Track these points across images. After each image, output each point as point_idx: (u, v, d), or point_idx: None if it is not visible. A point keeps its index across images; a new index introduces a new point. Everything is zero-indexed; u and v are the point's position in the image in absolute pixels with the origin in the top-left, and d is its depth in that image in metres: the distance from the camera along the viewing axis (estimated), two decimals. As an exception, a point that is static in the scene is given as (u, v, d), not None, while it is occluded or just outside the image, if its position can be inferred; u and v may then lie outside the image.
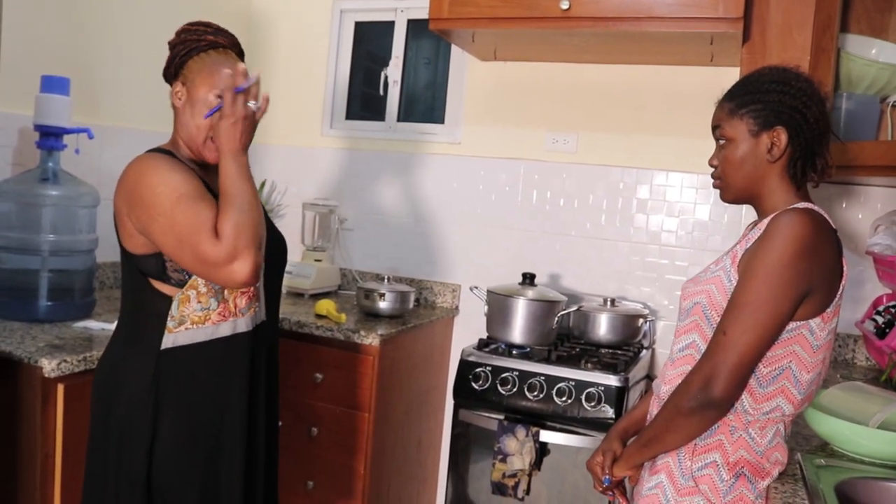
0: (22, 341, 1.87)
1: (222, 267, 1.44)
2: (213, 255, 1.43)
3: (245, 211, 1.46)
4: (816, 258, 1.30)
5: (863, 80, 2.24)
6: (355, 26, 3.28)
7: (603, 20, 2.33)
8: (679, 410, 1.35)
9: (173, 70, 1.63)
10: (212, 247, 1.43)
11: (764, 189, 1.43)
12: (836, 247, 1.36)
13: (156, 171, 1.51)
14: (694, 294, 1.45)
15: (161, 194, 1.47)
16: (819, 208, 1.38)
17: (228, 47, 1.65)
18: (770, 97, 1.39)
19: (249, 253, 1.44)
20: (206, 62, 1.60)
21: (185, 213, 1.45)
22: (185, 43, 1.61)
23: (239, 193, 1.48)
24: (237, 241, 1.43)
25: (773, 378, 1.35)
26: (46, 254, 2.13)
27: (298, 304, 2.84)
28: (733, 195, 1.48)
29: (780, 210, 1.37)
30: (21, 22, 2.35)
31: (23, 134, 2.35)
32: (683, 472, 1.40)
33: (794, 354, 1.34)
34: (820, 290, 1.33)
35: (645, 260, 2.82)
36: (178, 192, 1.47)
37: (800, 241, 1.29)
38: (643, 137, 2.81)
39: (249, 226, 1.46)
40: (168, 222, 1.46)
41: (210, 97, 1.58)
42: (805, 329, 1.34)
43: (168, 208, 1.46)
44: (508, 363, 2.41)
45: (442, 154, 3.10)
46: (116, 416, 1.56)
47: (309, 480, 2.56)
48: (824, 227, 1.34)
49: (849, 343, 2.53)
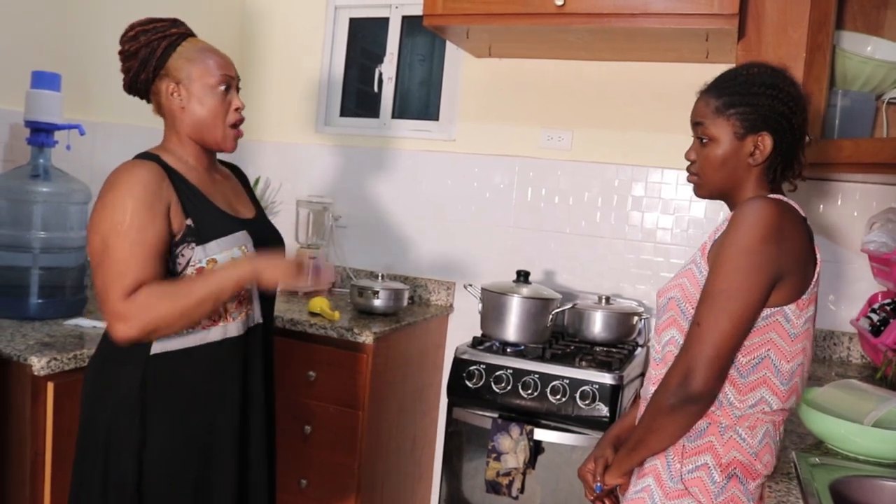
0: (12, 339, 1.86)
1: (112, 318, 1.45)
2: (113, 307, 1.44)
3: (178, 309, 1.46)
4: (784, 242, 1.30)
5: (858, 77, 2.23)
6: (349, 23, 3.27)
7: (598, 16, 2.32)
8: (660, 409, 1.34)
9: (151, 74, 1.59)
10: (118, 300, 1.44)
11: (739, 188, 1.43)
12: (805, 233, 1.35)
13: (122, 189, 1.48)
14: (668, 290, 1.45)
15: (105, 221, 1.46)
16: (788, 199, 1.39)
17: (191, 35, 1.65)
18: (760, 101, 1.37)
19: (140, 329, 1.44)
20: (189, 51, 1.60)
21: (117, 252, 1.45)
22: (151, 43, 1.57)
23: (198, 296, 1.47)
24: (140, 317, 1.44)
25: (752, 367, 1.34)
26: (37, 251, 2.12)
27: (292, 301, 2.83)
28: (708, 192, 1.48)
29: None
30: (12, 17, 2.33)
31: (13, 130, 2.33)
32: (672, 475, 1.38)
33: (772, 342, 1.34)
34: (792, 276, 1.32)
35: (640, 257, 2.81)
36: (125, 225, 1.45)
37: (765, 225, 1.28)
38: (638, 135, 2.80)
39: (163, 318, 1.45)
40: (101, 247, 1.46)
41: (218, 87, 1.59)
42: (780, 316, 1.33)
43: (107, 235, 1.46)
44: (503, 361, 2.40)
45: (436, 151, 3.09)
46: (104, 421, 1.54)
47: (302, 479, 2.55)
48: (790, 212, 1.33)
49: (844, 341, 2.53)
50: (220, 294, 1.50)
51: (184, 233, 1.53)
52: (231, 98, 1.63)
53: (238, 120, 1.64)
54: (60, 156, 2.21)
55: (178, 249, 1.52)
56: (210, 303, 1.49)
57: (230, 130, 1.63)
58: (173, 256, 1.53)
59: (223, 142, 1.63)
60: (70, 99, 2.34)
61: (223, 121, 1.61)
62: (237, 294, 1.56)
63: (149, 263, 1.46)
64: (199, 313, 1.49)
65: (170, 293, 1.46)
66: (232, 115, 1.63)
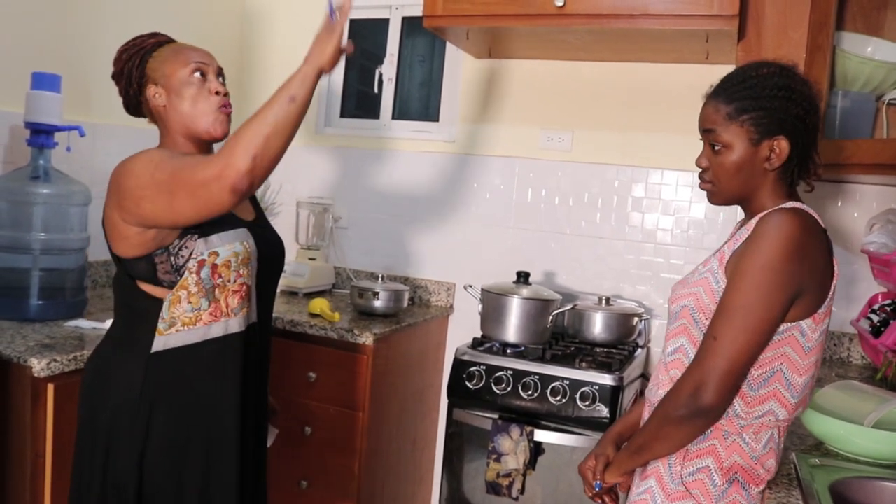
0: (12, 340, 1.86)
1: (214, 181, 1.39)
2: (208, 172, 1.40)
3: (262, 121, 1.41)
4: (806, 259, 1.28)
5: (858, 77, 2.23)
6: (350, 24, 3.27)
7: (598, 17, 2.32)
8: (668, 419, 1.32)
9: (137, 84, 1.62)
10: (204, 167, 1.40)
11: (756, 193, 1.39)
12: (825, 246, 1.33)
13: (133, 160, 1.50)
14: (682, 297, 1.42)
15: (139, 172, 1.46)
16: (808, 207, 1.36)
17: (169, 40, 1.67)
18: (774, 104, 1.33)
19: (244, 159, 1.38)
20: (164, 53, 1.62)
21: (166, 168, 1.44)
22: (132, 59, 1.62)
23: (281, 108, 1.42)
24: (235, 147, 1.39)
25: (764, 381, 1.32)
26: (37, 252, 2.12)
27: (292, 302, 2.83)
28: (724, 200, 1.43)
29: (768, 210, 1.34)
30: (12, 18, 2.33)
31: (14, 131, 2.33)
32: (673, 477, 1.38)
33: (786, 357, 1.32)
34: (810, 292, 1.30)
35: (640, 258, 2.81)
36: (154, 162, 1.46)
37: (788, 242, 1.26)
38: (638, 135, 2.80)
39: (260, 136, 1.40)
40: (154, 189, 1.44)
41: (192, 76, 1.59)
42: (796, 331, 1.32)
43: (148, 178, 1.45)
44: (503, 362, 2.40)
45: (437, 152, 3.09)
46: (104, 422, 1.54)
47: (303, 480, 2.55)
48: (813, 226, 1.31)
49: (844, 342, 2.53)
50: (293, 91, 1.44)
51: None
52: (209, 83, 1.62)
53: (221, 104, 1.63)
54: (60, 157, 2.21)
55: (182, 242, 1.52)
56: (286, 101, 1.43)
57: (217, 114, 1.61)
58: (176, 250, 1.52)
59: (212, 128, 1.61)
60: (70, 100, 2.34)
61: (207, 106, 1.60)
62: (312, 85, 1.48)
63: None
64: (284, 114, 1.43)
65: (246, 122, 1.42)
66: (213, 99, 1.61)
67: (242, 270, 1.59)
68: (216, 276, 1.55)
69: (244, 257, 1.58)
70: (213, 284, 1.55)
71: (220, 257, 1.54)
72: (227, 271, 1.56)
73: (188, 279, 1.53)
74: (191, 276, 1.53)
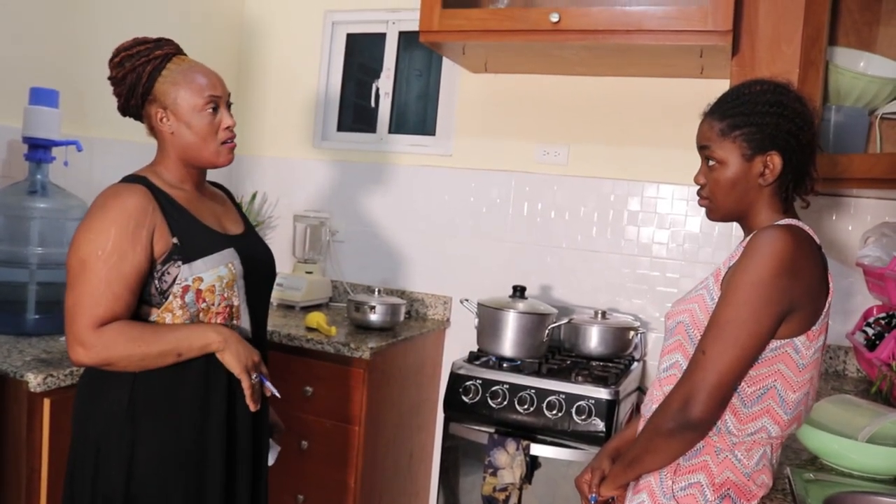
0: (8, 355, 1.86)
1: (74, 341, 1.47)
2: (79, 332, 1.47)
3: (139, 353, 1.49)
4: (798, 275, 1.28)
5: (851, 92, 2.25)
6: (347, 38, 3.29)
7: (593, 33, 2.34)
8: (658, 431, 1.34)
9: (140, 99, 1.59)
10: (86, 328, 1.46)
11: (752, 209, 1.41)
12: (819, 263, 1.34)
13: (108, 215, 1.50)
14: (678, 313, 1.43)
15: (88, 244, 1.49)
16: (803, 224, 1.37)
17: (177, 53, 1.64)
18: (765, 120, 1.35)
19: (97, 360, 1.48)
20: (174, 73, 1.58)
21: (94, 279, 1.47)
22: (137, 69, 1.57)
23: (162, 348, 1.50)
24: (102, 351, 1.47)
25: (757, 398, 1.33)
26: (34, 267, 2.12)
27: (289, 316, 2.83)
28: (721, 216, 1.45)
29: (763, 226, 1.35)
30: (10, 34, 2.35)
31: (11, 146, 2.34)
32: (665, 492, 1.38)
33: (779, 373, 1.33)
34: (803, 308, 1.31)
35: (636, 272, 2.82)
36: (106, 252, 1.47)
37: (780, 258, 1.27)
38: (634, 149, 2.81)
39: (123, 357, 1.48)
40: (79, 268, 1.49)
41: (205, 109, 1.59)
42: (790, 347, 1.32)
43: (87, 259, 1.48)
44: (499, 376, 2.40)
45: (433, 166, 3.10)
46: (94, 435, 1.54)
47: (299, 494, 2.55)
48: (806, 242, 1.32)
49: (839, 355, 2.54)
50: (183, 352, 1.52)
51: (170, 251, 1.53)
52: (220, 117, 1.62)
53: (229, 137, 1.64)
54: (58, 172, 2.21)
55: (165, 267, 1.53)
56: (172, 357, 1.52)
57: (222, 146, 1.62)
58: (160, 275, 1.53)
59: (216, 158, 1.62)
60: (68, 115, 2.35)
61: (214, 140, 1.61)
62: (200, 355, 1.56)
63: (123, 296, 1.49)
64: (158, 363, 1.51)
65: (136, 337, 1.48)
66: (222, 134, 1.62)
67: (227, 293, 1.60)
68: (200, 300, 1.56)
69: (229, 280, 1.59)
70: (197, 309, 1.56)
71: (204, 283, 1.55)
72: (211, 296, 1.57)
73: (173, 303, 1.54)
74: (175, 300, 1.54)
